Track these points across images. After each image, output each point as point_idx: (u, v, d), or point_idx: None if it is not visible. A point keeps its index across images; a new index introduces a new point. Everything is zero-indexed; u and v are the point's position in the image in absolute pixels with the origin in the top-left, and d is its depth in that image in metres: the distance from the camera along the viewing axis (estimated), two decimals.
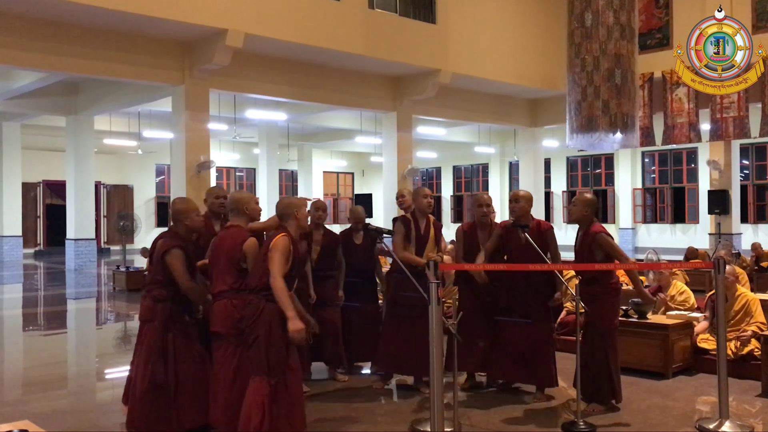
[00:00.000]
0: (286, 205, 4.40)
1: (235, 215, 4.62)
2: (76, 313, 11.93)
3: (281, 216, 4.40)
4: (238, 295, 4.38)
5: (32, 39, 11.01)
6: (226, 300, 4.42)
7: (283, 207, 4.41)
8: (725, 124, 14.89)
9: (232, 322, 4.35)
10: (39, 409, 5.58)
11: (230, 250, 4.44)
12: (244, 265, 4.42)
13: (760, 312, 6.44)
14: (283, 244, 4.13)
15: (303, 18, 12.38)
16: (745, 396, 5.67)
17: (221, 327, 4.41)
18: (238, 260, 4.42)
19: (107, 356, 8.30)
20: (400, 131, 15.73)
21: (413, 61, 14.17)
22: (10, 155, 20.75)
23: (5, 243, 20.92)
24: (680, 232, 23.10)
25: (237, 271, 4.44)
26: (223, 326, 4.40)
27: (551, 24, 16.19)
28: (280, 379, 4.11)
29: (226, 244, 4.49)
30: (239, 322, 4.28)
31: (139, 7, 10.67)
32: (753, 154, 21.75)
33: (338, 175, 31.15)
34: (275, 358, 4.10)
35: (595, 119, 9.99)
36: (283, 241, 4.15)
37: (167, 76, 12.33)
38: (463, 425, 4.91)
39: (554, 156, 25.24)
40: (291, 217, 4.35)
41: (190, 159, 12.41)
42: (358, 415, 5.27)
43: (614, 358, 5.23)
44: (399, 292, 5.76)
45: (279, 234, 4.21)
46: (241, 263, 4.42)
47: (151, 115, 18.20)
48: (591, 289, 5.20)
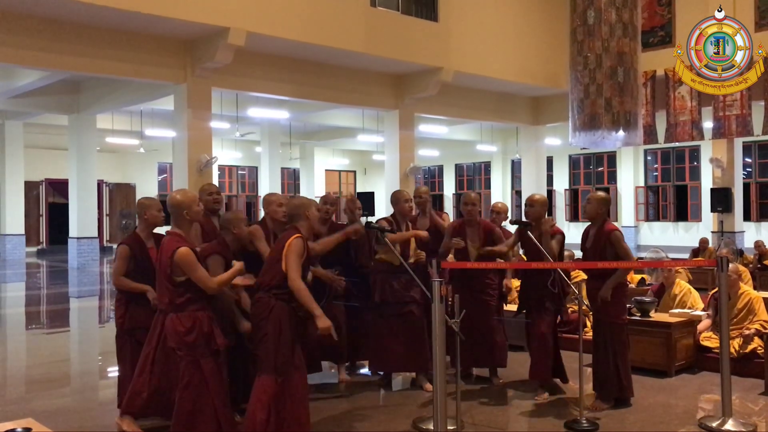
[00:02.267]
0: (297, 205, 4.39)
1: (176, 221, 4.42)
2: (79, 311, 11.95)
3: (292, 216, 4.39)
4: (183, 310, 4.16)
5: (34, 37, 11.01)
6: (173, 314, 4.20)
7: (294, 207, 4.41)
8: (728, 121, 14.86)
9: (179, 336, 4.14)
10: (42, 407, 5.59)
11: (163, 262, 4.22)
12: (179, 278, 4.14)
13: (763, 310, 6.43)
14: (297, 246, 4.13)
15: (305, 16, 12.38)
16: (748, 394, 5.67)
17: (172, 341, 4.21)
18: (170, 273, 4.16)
19: (110, 354, 8.25)
20: (402, 129, 15.72)
21: (415, 59, 14.16)
22: (12, 154, 20.77)
23: (8, 241, 20.95)
24: (683, 230, 23.08)
25: (173, 285, 4.17)
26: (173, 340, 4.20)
27: (553, 22, 16.17)
28: (286, 377, 4.10)
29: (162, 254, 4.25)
30: (186, 335, 4.10)
31: (141, 5, 10.67)
32: (756, 152, 21.71)
33: (340, 174, 31.15)
34: (283, 356, 4.09)
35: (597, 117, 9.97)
36: (297, 243, 4.14)
37: (169, 75, 12.33)
38: (466, 423, 4.91)
39: (556, 154, 25.22)
40: (302, 218, 4.33)
41: (192, 157, 12.42)
42: (360, 412, 5.27)
43: (625, 354, 5.29)
44: (385, 290, 5.76)
45: (292, 235, 4.20)
46: (174, 277, 4.14)
47: (153, 114, 18.21)
48: (599, 284, 5.28)
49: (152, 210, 4.98)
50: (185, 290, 4.13)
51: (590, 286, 5.43)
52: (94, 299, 13.22)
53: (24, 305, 12.58)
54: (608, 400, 5.25)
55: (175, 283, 4.12)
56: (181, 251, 4.06)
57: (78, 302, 12.71)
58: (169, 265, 4.09)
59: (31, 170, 22.19)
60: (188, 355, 4.10)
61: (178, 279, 4.12)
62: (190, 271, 4.07)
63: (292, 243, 4.13)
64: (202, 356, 4.11)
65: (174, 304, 4.14)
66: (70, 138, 17.97)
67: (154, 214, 4.96)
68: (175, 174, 13.22)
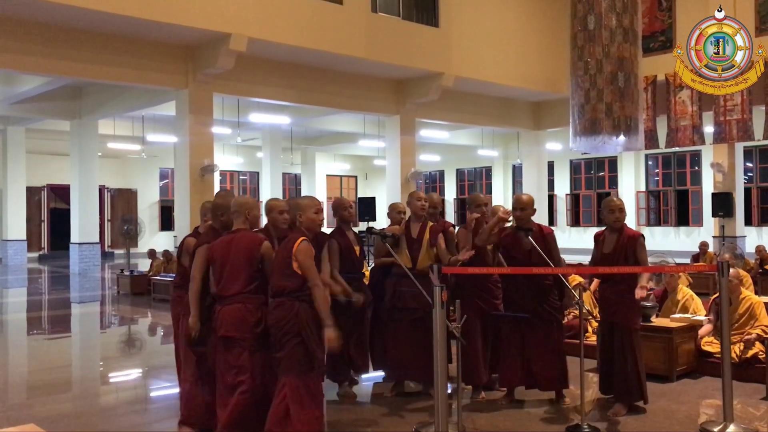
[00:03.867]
0: (292, 208, 4.39)
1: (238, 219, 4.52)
2: (81, 316, 11.96)
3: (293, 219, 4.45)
4: (252, 298, 4.31)
5: (36, 43, 11.05)
6: (240, 304, 4.29)
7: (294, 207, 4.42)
8: (729, 126, 14.87)
9: (248, 326, 4.26)
10: (44, 412, 5.60)
11: (246, 252, 4.34)
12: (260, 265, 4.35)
13: (765, 315, 6.42)
14: (307, 250, 4.14)
15: (306, 22, 12.41)
16: (750, 399, 5.66)
17: (235, 331, 4.28)
18: (256, 262, 4.33)
19: (112, 360, 8.31)
20: (403, 134, 15.75)
21: (416, 64, 14.19)
22: (14, 159, 20.83)
23: (10, 247, 20.98)
24: (684, 235, 23.05)
25: (253, 272, 4.34)
26: (237, 330, 4.27)
27: (554, 27, 16.20)
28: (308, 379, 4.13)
29: (242, 246, 4.36)
30: (255, 326, 4.24)
31: (142, 11, 10.71)
32: (757, 157, 21.71)
33: (341, 179, 31.17)
34: (308, 358, 4.11)
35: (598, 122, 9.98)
36: (306, 246, 4.15)
37: (171, 80, 12.36)
38: (467, 429, 4.91)
39: (557, 159, 25.22)
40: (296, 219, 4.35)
41: (193, 163, 12.45)
42: (362, 418, 5.27)
43: (641, 358, 5.28)
44: (397, 295, 5.71)
45: (298, 239, 4.19)
46: (258, 265, 4.34)
47: (154, 119, 18.25)
48: (618, 288, 5.24)
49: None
50: (260, 277, 4.32)
51: (607, 292, 5.34)
52: (95, 305, 13.23)
53: (25, 311, 12.59)
54: (627, 406, 5.24)
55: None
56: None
57: (79, 308, 12.72)
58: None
59: (32, 176, 22.23)
60: (252, 345, 4.22)
61: (260, 266, 4.31)
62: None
63: (301, 247, 4.13)
64: (259, 349, 4.24)
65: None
66: (72, 143, 18.02)
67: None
68: (177, 179, 13.25)
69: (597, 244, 5.52)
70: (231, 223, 4.60)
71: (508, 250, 5.64)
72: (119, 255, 23.36)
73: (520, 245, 5.52)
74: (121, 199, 25.43)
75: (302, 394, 4.09)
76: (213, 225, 4.81)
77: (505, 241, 5.64)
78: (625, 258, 5.25)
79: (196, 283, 4.52)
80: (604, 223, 5.48)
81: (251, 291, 4.29)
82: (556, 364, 5.51)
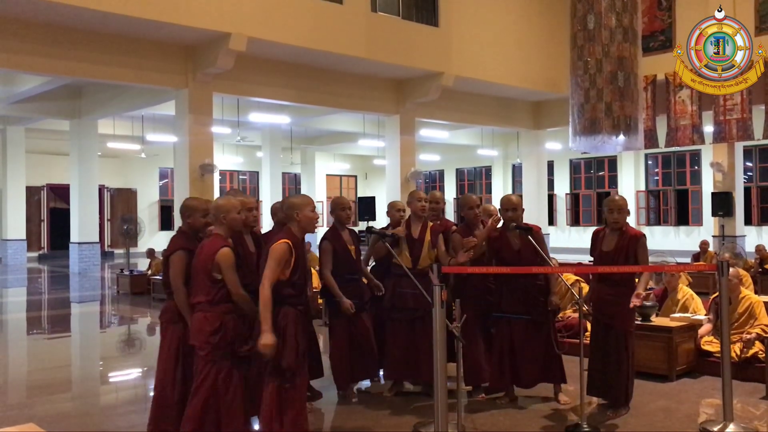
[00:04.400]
0: (287, 207, 4.35)
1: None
2: (80, 316, 11.96)
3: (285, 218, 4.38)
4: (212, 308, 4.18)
5: (36, 43, 11.05)
6: (200, 313, 4.20)
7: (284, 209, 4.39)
8: (728, 126, 14.87)
9: (204, 335, 4.14)
10: (44, 412, 5.60)
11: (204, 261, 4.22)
12: (218, 276, 4.16)
13: (764, 314, 6.42)
14: (279, 251, 4.03)
15: (306, 21, 12.41)
16: (750, 398, 5.66)
17: (195, 340, 4.20)
18: (210, 271, 4.18)
19: (111, 359, 8.31)
20: (403, 134, 15.75)
21: (416, 64, 14.19)
22: (14, 159, 20.83)
23: (9, 247, 20.98)
24: (684, 235, 23.05)
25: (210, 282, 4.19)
26: (196, 339, 4.19)
27: (554, 26, 16.20)
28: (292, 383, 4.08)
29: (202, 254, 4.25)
30: (210, 335, 4.11)
31: (142, 11, 10.71)
32: (756, 156, 21.71)
33: (341, 178, 31.18)
34: (289, 362, 4.05)
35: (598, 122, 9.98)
36: (280, 247, 4.04)
37: (171, 80, 12.36)
38: (467, 428, 4.91)
39: (557, 158, 25.23)
40: (292, 219, 4.24)
41: (193, 162, 12.45)
42: (361, 419, 5.27)
43: (633, 361, 5.26)
44: (397, 295, 5.69)
45: (280, 239, 4.11)
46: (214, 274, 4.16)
47: (154, 119, 18.25)
48: (614, 290, 5.16)
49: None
50: (219, 289, 4.16)
51: (604, 292, 5.20)
52: (95, 304, 13.23)
53: (25, 310, 12.59)
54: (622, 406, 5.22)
55: (213, 280, 4.14)
56: (225, 252, 4.10)
57: (79, 307, 12.72)
58: (211, 262, 4.12)
59: (32, 175, 22.23)
60: (208, 355, 4.11)
61: (218, 277, 4.14)
62: (225, 271, 4.12)
63: (274, 247, 4.06)
64: (222, 359, 4.12)
65: (205, 302, 4.14)
66: (72, 143, 18.02)
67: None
68: (177, 179, 13.25)
69: (596, 240, 5.42)
70: (198, 227, 4.54)
71: (498, 251, 5.61)
72: (119, 255, 23.37)
73: (510, 246, 5.51)
74: (121, 199, 25.43)
75: (282, 399, 4.05)
76: (181, 227, 4.69)
77: (494, 242, 5.62)
78: (626, 258, 5.17)
79: (182, 292, 4.37)
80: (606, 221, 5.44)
81: (211, 301, 4.15)
82: (549, 362, 5.50)
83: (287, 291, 4.08)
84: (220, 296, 4.15)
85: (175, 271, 4.42)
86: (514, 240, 5.49)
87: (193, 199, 4.80)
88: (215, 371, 4.10)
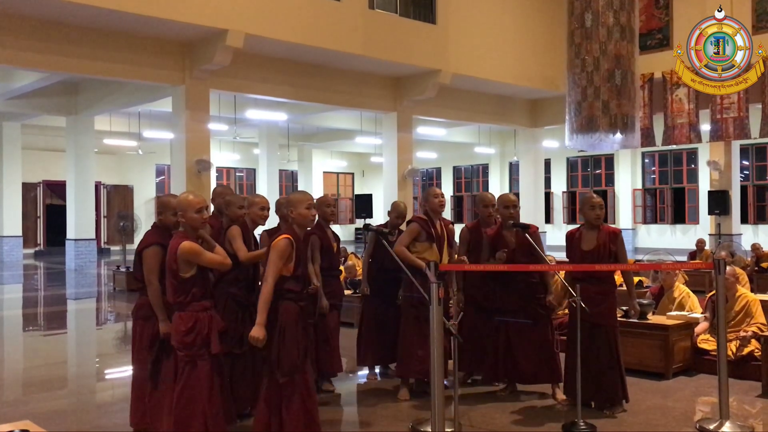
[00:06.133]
0: (282, 204, 4.35)
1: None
2: (77, 313, 11.93)
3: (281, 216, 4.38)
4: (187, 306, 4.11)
5: (32, 39, 11.01)
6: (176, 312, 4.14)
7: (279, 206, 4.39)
8: (725, 124, 14.89)
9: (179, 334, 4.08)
10: (40, 409, 5.59)
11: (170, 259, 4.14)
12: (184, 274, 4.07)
13: (761, 313, 6.44)
14: (280, 247, 4.04)
15: (303, 18, 12.39)
16: (746, 397, 5.67)
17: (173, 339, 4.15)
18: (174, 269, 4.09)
19: (107, 357, 8.30)
20: (400, 131, 15.73)
21: (413, 61, 14.17)
22: (10, 155, 20.76)
23: (5, 243, 20.92)
24: (680, 233, 23.11)
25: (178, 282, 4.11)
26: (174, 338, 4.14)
27: (551, 24, 16.19)
28: (291, 379, 4.07)
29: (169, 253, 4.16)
30: (184, 335, 4.05)
31: (139, 7, 10.68)
32: (753, 155, 21.76)
33: (338, 176, 31.17)
34: (288, 357, 4.04)
35: (595, 120, 9.99)
36: (281, 243, 4.06)
37: (167, 77, 12.33)
38: (464, 425, 4.91)
39: (554, 156, 25.26)
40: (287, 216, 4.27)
41: (190, 159, 12.42)
42: (360, 416, 5.28)
43: (621, 357, 5.26)
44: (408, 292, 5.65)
45: (281, 235, 4.15)
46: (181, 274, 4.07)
47: (151, 116, 18.21)
48: (600, 288, 5.20)
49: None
50: (190, 287, 4.08)
51: (589, 291, 5.11)
52: (91, 301, 13.20)
53: (21, 307, 12.56)
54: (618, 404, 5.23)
55: (180, 279, 4.08)
56: (183, 245, 4.02)
57: (75, 304, 12.69)
58: (174, 261, 4.06)
59: (28, 172, 22.16)
60: (186, 355, 4.08)
61: (184, 276, 4.07)
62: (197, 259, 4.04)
63: (276, 243, 4.08)
64: (199, 358, 4.08)
65: (177, 302, 4.11)
66: (68, 139, 17.97)
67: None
68: (173, 176, 13.22)
69: (572, 241, 5.41)
70: (169, 224, 4.51)
71: (493, 249, 5.65)
72: (115, 251, 23.32)
73: (505, 244, 5.55)
74: (118, 196, 25.39)
75: (280, 394, 4.05)
76: (155, 223, 4.64)
77: (489, 240, 5.66)
78: (609, 254, 5.25)
79: (155, 288, 4.33)
80: (585, 219, 5.39)
81: (183, 301, 4.07)
82: (547, 360, 5.52)
83: (290, 286, 4.10)
84: (192, 295, 4.08)
85: (149, 266, 4.40)
86: (510, 238, 5.51)
87: (168, 196, 4.75)
88: (197, 371, 4.06)
